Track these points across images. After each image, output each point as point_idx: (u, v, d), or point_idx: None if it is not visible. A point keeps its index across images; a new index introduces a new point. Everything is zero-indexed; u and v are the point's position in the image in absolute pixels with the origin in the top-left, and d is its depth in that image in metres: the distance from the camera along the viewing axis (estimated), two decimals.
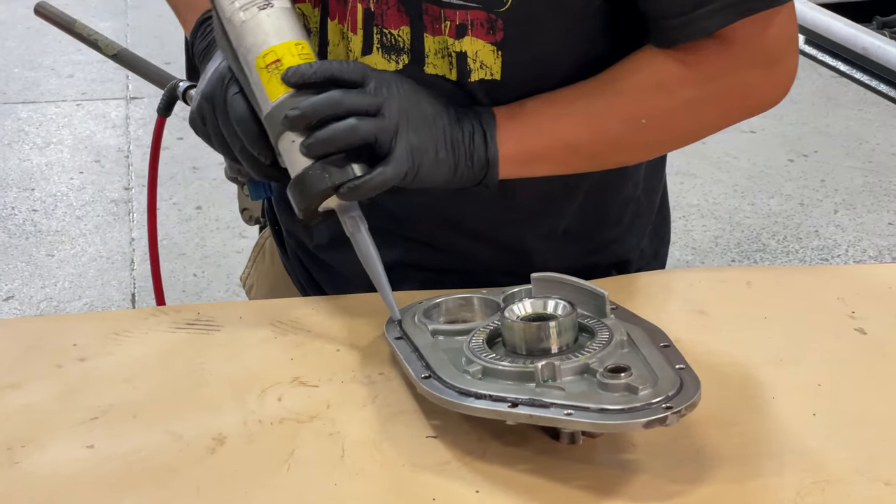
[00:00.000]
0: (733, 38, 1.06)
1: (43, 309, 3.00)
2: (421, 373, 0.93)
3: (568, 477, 0.88)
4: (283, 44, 1.00)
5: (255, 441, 0.93)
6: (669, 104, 1.09)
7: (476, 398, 0.89)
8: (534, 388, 0.88)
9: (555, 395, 0.87)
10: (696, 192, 3.61)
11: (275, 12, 1.01)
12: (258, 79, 1.00)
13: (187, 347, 1.05)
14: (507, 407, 0.87)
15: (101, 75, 4.46)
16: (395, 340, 0.99)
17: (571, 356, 0.91)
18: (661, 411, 0.84)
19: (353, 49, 1.09)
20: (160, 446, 0.92)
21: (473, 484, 0.87)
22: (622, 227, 1.22)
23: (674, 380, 0.87)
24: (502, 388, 0.89)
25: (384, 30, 1.08)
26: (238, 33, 1.01)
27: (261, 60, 1.00)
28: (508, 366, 0.91)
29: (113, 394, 0.99)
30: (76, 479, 0.89)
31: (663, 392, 0.86)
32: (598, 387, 0.87)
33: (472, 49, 1.07)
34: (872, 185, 3.66)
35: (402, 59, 1.08)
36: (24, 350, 1.05)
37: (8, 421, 0.95)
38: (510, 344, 0.94)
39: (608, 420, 0.85)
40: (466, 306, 1.04)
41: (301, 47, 1.01)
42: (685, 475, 0.88)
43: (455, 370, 0.93)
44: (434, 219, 1.15)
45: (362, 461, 0.90)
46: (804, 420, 0.94)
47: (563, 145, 1.08)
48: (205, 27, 1.14)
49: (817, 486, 0.87)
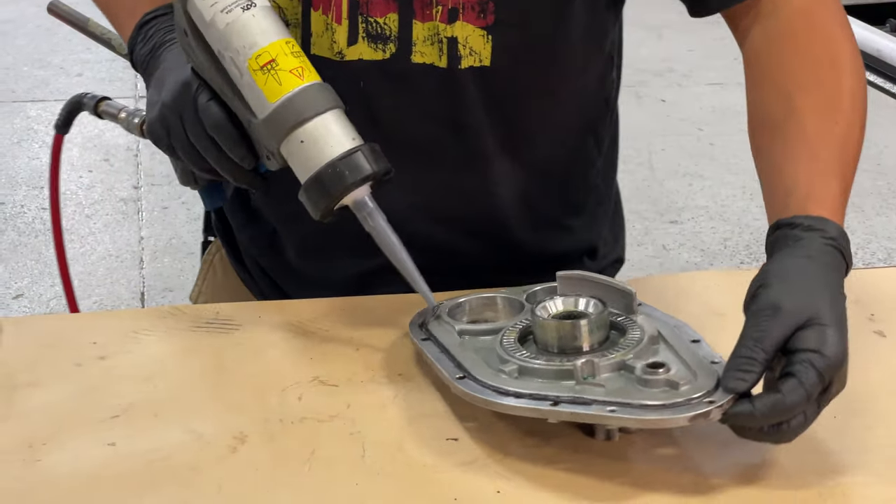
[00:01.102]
0: None
1: (52, 307, 3.00)
2: (455, 373, 0.93)
3: (592, 476, 0.88)
4: (273, 43, 0.98)
5: (275, 440, 0.93)
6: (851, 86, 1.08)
7: (516, 397, 0.89)
8: (573, 386, 0.89)
9: (596, 392, 0.87)
10: (704, 194, 3.61)
11: (259, 12, 0.99)
12: (252, 81, 0.97)
13: (207, 347, 1.05)
14: (548, 405, 0.87)
15: (110, 74, 4.46)
16: (422, 342, 0.99)
17: (607, 353, 0.91)
18: (704, 406, 0.84)
19: (337, 40, 1.08)
20: (181, 445, 0.92)
21: (494, 484, 0.88)
22: (588, 214, 1.25)
23: (711, 374, 0.87)
24: (540, 386, 0.89)
25: (370, 18, 1.07)
26: (222, 36, 0.98)
27: (254, 62, 0.97)
28: (545, 364, 0.91)
29: (133, 392, 0.99)
30: (97, 477, 0.89)
31: (704, 387, 0.86)
32: (637, 383, 0.88)
33: (463, 34, 1.07)
34: (881, 188, 3.65)
35: (388, 47, 1.08)
36: (44, 348, 1.05)
37: (28, 419, 0.96)
38: (542, 342, 0.94)
39: (652, 415, 0.85)
40: (490, 305, 1.04)
41: (290, 45, 0.99)
42: (705, 478, 0.88)
43: (489, 370, 0.92)
44: (424, 218, 1.15)
45: (383, 461, 0.90)
46: (825, 422, 0.94)
47: None
48: (146, 30, 1.10)
49: (839, 488, 0.87)
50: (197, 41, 1.00)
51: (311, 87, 0.97)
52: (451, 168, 1.15)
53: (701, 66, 4.60)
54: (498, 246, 1.19)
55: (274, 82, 0.97)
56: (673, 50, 4.66)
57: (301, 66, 0.98)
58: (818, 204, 0.95)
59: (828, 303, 0.87)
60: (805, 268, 0.90)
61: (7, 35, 4.91)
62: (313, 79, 0.98)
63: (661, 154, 3.87)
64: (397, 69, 1.09)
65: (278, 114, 0.96)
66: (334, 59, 1.09)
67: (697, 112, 4.18)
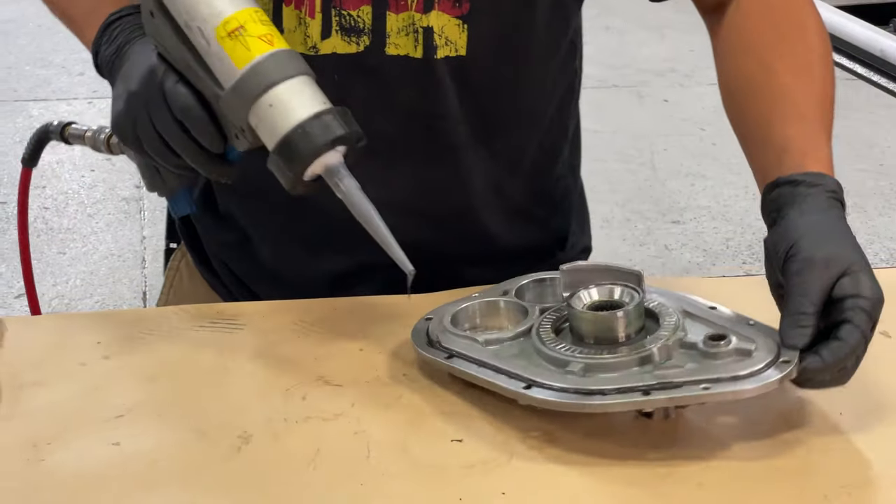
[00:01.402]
0: None
1: (55, 307, 3.00)
2: (518, 385, 0.92)
3: (596, 476, 0.88)
4: (241, 11, 0.95)
5: (280, 440, 0.93)
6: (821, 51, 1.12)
7: (602, 395, 0.89)
8: (651, 372, 0.89)
9: (678, 374, 0.89)
10: (706, 194, 3.61)
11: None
12: (220, 49, 0.94)
13: (211, 346, 1.05)
14: (641, 396, 0.88)
15: None
16: (449, 360, 0.97)
17: (660, 336, 0.92)
18: (783, 367, 0.88)
19: (311, 34, 1.08)
20: (186, 444, 0.92)
21: (500, 486, 0.87)
22: (557, 204, 1.26)
23: (765, 336, 0.91)
24: (616, 379, 0.90)
25: (343, 11, 1.08)
26: (189, 6, 0.96)
27: (221, 30, 0.94)
28: (615, 357, 0.91)
29: (138, 392, 0.99)
30: (101, 477, 0.89)
31: (770, 349, 0.90)
32: (705, 357, 0.90)
33: (439, 24, 1.08)
34: (883, 189, 3.65)
35: (362, 40, 1.08)
36: (48, 347, 1.05)
37: (33, 418, 0.96)
38: (587, 333, 0.94)
39: (746, 385, 0.87)
40: (492, 309, 1.03)
41: (259, 14, 0.96)
42: (709, 477, 0.88)
43: (551, 372, 0.92)
44: (396, 211, 1.14)
45: (388, 461, 0.90)
46: (831, 421, 0.94)
47: None
48: (111, 31, 1.07)
49: (844, 489, 0.86)
50: (164, 18, 0.97)
51: (280, 52, 0.95)
52: (424, 160, 1.15)
53: (703, 65, 4.60)
54: (469, 238, 1.20)
55: (242, 48, 0.94)
56: (675, 50, 4.66)
57: (270, 32, 0.95)
58: (814, 160, 1.00)
59: (854, 250, 0.93)
60: (824, 222, 0.95)
61: (9, 34, 4.91)
62: (280, 45, 0.95)
63: (663, 154, 3.87)
64: (371, 62, 1.09)
65: (247, 79, 0.93)
66: (308, 53, 1.09)
67: (700, 112, 4.17)
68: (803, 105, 1.06)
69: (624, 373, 0.90)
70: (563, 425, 0.93)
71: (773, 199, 0.99)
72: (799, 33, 1.11)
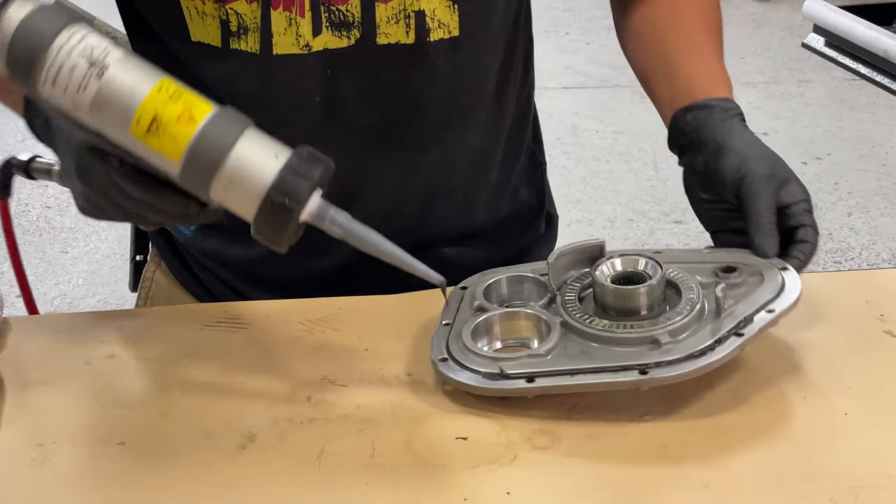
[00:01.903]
0: None
1: (57, 306, 3.01)
2: (633, 374, 0.92)
3: (602, 476, 0.88)
4: (146, 99, 0.84)
5: (285, 439, 0.93)
6: None
7: (713, 348, 0.93)
8: (723, 320, 0.96)
9: (745, 309, 0.96)
10: None
11: (116, 70, 0.84)
12: (146, 147, 0.85)
13: (216, 346, 1.05)
14: (736, 338, 0.94)
15: None
16: (530, 384, 0.94)
17: (706, 285, 1.00)
18: (788, 272, 1.00)
19: (302, 33, 1.08)
20: (191, 444, 0.92)
21: (505, 486, 0.87)
22: (527, 174, 1.30)
23: (745, 255, 1.02)
24: (701, 338, 0.94)
25: (332, 7, 1.08)
26: (93, 117, 0.86)
27: (137, 129, 0.85)
28: (691, 320, 0.96)
29: (142, 391, 0.99)
30: (106, 476, 0.89)
31: (762, 264, 1.01)
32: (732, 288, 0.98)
33: (430, 7, 1.09)
34: (886, 189, 3.65)
35: (353, 33, 1.09)
36: (53, 347, 1.05)
37: (38, 417, 0.96)
38: (613, 307, 0.98)
39: (793, 295, 0.98)
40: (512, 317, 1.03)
41: (164, 88, 0.85)
42: (714, 479, 0.88)
43: (642, 352, 0.94)
44: (388, 196, 1.16)
45: (393, 461, 0.90)
46: (835, 421, 0.94)
47: None
48: (35, 104, 0.98)
49: (850, 491, 0.86)
50: (73, 122, 0.88)
51: (206, 126, 0.85)
52: (413, 144, 1.16)
53: None
54: (451, 216, 1.22)
55: (168, 140, 0.85)
56: None
57: (186, 107, 0.85)
58: (720, 87, 1.11)
59: (782, 162, 1.06)
60: (755, 142, 1.07)
61: None
62: (204, 113, 0.85)
63: (665, 154, 3.84)
64: (363, 54, 1.09)
65: (189, 168, 0.85)
66: (301, 52, 1.09)
67: None
68: (703, 37, 1.17)
69: (702, 332, 0.95)
70: (567, 425, 0.93)
71: (688, 121, 1.10)
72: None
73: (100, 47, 0.85)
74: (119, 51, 0.86)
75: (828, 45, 2.47)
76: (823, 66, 4.07)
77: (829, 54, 2.46)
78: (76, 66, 0.84)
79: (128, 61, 0.86)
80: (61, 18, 0.85)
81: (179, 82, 0.87)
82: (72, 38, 0.84)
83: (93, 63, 0.84)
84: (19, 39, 0.85)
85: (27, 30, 0.85)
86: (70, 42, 0.84)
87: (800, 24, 4.15)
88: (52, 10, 0.86)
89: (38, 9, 0.85)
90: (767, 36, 4.95)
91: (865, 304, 1.09)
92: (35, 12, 0.85)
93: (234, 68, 1.09)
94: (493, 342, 1.00)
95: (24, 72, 0.85)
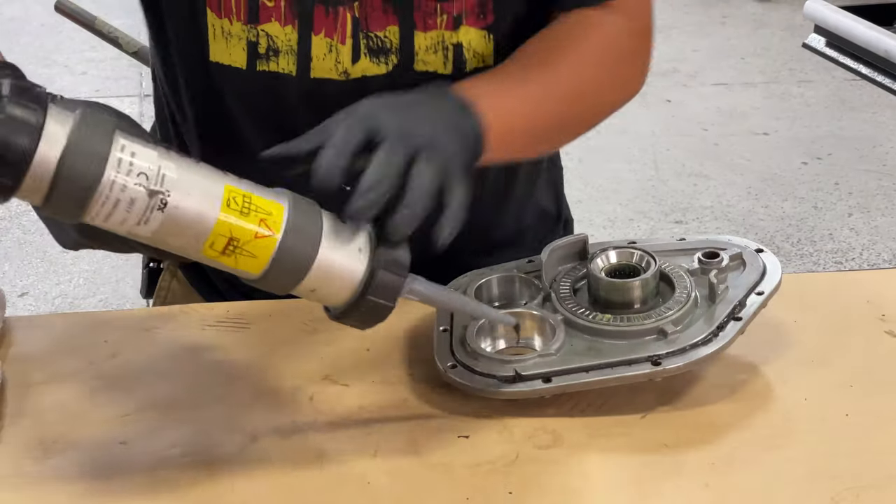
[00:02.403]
0: None
1: (58, 305, 3.01)
2: (645, 367, 0.93)
3: (603, 477, 0.88)
4: (219, 222, 0.78)
5: (287, 438, 0.93)
6: (598, 79, 1.10)
7: (721, 329, 0.95)
8: (718, 306, 0.97)
9: (736, 293, 0.98)
10: (709, 195, 3.61)
11: (176, 198, 0.77)
12: (221, 264, 0.80)
13: (218, 345, 1.05)
14: (735, 322, 0.95)
15: (115, 73, 4.46)
16: (546, 384, 0.94)
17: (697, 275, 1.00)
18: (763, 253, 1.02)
19: (341, 60, 1.07)
20: (193, 443, 0.92)
21: (506, 485, 0.87)
22: (547, 184, 1.29)
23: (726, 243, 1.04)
24: (701, 328, 0.95)
25: (370, 33, 1.07)
26: (152, 242, 0.79)
27: (210, 251, 0.79)
28: (690, 308, 0.97)
29: (145, 390, 0.99)
30: (108, 475, 0.89)
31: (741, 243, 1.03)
32: None
33: (467, 39, 1.08)
34: (887, 189, 3.65)
35: (390, 60, 1.08)
36: (56, 346, 1.05)
37: (41, 417, 0.96)
38: (594, 296, 1.00)
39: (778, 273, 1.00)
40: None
41: (231, 203, 0.78)
42: (715, 478, 0.88)
43: (651, 342, 0.95)
44: None
45: (395, 460, 0.90)
46: (836, 422, 0.94)
47: (528, 126, 1.03)
48: None
49: (851, 491, 0.86)
50: None
51: (286, 237, 0.80)
52: None
53: (706, 66, 4.60)
54: (476, 230, 1.18)
55: (246, 258, 0.79)
56: (678, 51, 4.66)
57: (260, 219, 0.79)
58: (485, 99, 0.96)
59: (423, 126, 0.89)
60: None
61: (12, 33, 4.91)
62: (279, 219, 0.80)
63: (665, 154, 3.87)
64: (400, 80, 1.07)
65: (269, 279, 0.81)
66: (339, 79, 1.08)
67: (702, 112, 4.17)
68: (536, 73, 1.05)
69: (701, 319, 0.96)
70: (569, 424, 0.93)
71: None
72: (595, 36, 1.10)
73: (153, 166, 0.76)
74: (170, 162, 0.77)
75: (829, 45, 2.47)
76: (824, 67, 4.08)
77: (830, 55, 2.47)
78: (134, 200, 0.75)
79: (186, 177, 0.77)
80: (105, 138, 0.75)
81: (242, 183, 0.80)
82: (122, 163, 0.75)
83: (152, 193, 0.75)
84: (64, 179, 0.73)
85: (71, 167, 0.73)
86: (121, 170, 0.75)
87: (800, 25, 4.14)
88: (94, 130, 0.75)
89: (77, 136, 0.74)
90: (768, 36, 4.95)
91: (866, 304, 1.09)
92: (74, 143, 0.74)
93: (259, 89, 1.08)
94: (496, 344, 1.00)
95: (70, 212, 0.75)
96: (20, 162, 0.73)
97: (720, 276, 0.99)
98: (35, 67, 4.55)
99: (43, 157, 0.73)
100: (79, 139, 0.74)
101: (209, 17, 1.07)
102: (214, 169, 0.80)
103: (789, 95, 4.34)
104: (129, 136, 0.77)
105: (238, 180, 0.81)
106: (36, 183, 0.73)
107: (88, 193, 0.74)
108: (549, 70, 1.06)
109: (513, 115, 1.00)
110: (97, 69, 4.53)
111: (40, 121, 0.73)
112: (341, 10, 1.06)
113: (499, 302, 1.05)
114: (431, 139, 0.87)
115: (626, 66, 1.13)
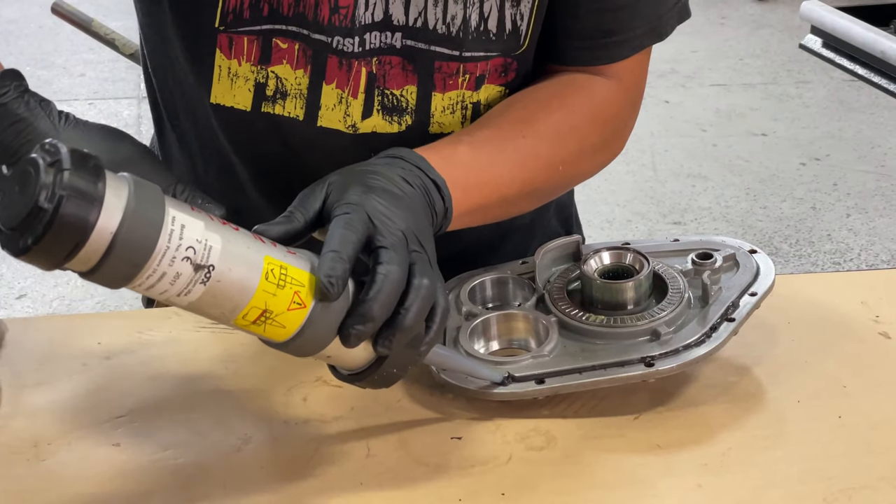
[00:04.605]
0: (622, 76, 1.09)
1: (55, 307, 3.01)
2: (638, 368, 0.93)
3: (596, 478, 0.88)
4: (256, 296, 0.78)
5: (280, 440, 0.93)
6: (580, 147, 1.07)
7: (715, 330, 0.95)
8: (711, 307, 0.97)
9: (729, 295, 0.98)
10: (707, 195, 3.61)
11: (220, 272, 0.76)
12: (246, 331, 0.81)
13: (211, 347, 1.05)
14: (728, 323, 0.95)
15: (112, 74, 4.47)
16: (540, 386, 0.94)
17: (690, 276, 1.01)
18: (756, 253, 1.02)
19: (351, 113, 1.05)
20: (186, 445, 0.92)
21: (499, 486, 0.88)
22: (558, 208, 1.27)
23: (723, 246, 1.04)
24: (694, 329, 0.95)
25: (386, 91, 1.05)
26: (186, 308, 0.79)
27: (242, 321, 0.79)
28: (682, 309, 0.97)
29: (138, 392, 0.99)
30: (102, 477, 0.89)
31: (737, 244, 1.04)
32: None
33: (486, 96, 1.07)
34: (885, 189, 3.65)
35: (404, 119, 1.06)
36: (50, 348, 1.05)
37: (34, 419, 0.96)
38: (588, 297, 1.00)
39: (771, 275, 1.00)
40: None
41: (269, 275, 0.78)
42: (708, 479, 0.88)
43: (644, 344, 0.95)
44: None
45: (388, 461, 0.90)
46: (829, 423, 0.94)
47: (497, 196, 1.02)
48: None
49: (844, 493, 0.86)
50: None
51: (314, 311, 0.80)
52: None
53: (704, 67, 4.61)
54: (481, 254, 1.17)
55: (275, 328, 0.80)
56: (677, 52, 4.66)
57: (294, 291, 0.79)
58: (444, 163, 0.95)
59: None
60: None
61: (10, 35, 4.92)
62: (311, 292, 0.80)
63: (664, 155, 3.87)
64: (413, 140, 1.02)
65: (291, 347, 0.81)
66: (346, 131, 1.06)
67: (701, 113, 4.18)
68: (502, 144, 1.02)
69: (695, 320, 0.96)
70: (562, 426, 0.93)
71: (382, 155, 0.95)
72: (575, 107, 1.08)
73: (200, 238, 0.75)
74: (215, 234, 0.76)
75: (825, 46, 2.48)
76: (822, 68, 4.08)
77: (827, 55, 2.47)
78: (180, 274, 0.74)
79: (229, 250, 0.76)
80: (158, 209, 0.73)
81: (278, 250, 0.80)
82: (172, 235, 0.73)
83: (198, 267, 0.75)
84: (117, 253, 0.72)
85: (125, 241, 0.71)
86: (171, 244, 0.73)
87: (799, 26, 4.15)
88: (147, 201, 0.73)
89: (134, 208, 0.72)
90: (766, 37, 4.95)
91: (860, 305, 1.10)
92: (131, 216, 0.71)
93: (261, 130, 1.06)
94: (488, 346, 1.00)
95: (115, 282, 0.74)
96: (81, 236, 0.70)
97: (713, 277, 0.99)
98: (33, 70, 4.56)
99: (100, 230, 0.71)
100: (136, 212, 0.72)
101: (217, 58, 1.04)
102: (253, 237, 0.80)
103: (788, 96, 4.35)
104: (175, 202, 0.75)
105: (273, 247, 0.80)
106: (88, 255, 0.71)
107: (137, 268, 0.73)
108: (528, 136, 1.03)
109: (481, 189, 0.98)
110: (95, 71, 4.53)
111: (101, 193, 0.70)
112: (355, 63, 1.03)
113: (492, 303, 1.05)
114: (422, 244, 0.86)
115: (610, 134, 1.11)
